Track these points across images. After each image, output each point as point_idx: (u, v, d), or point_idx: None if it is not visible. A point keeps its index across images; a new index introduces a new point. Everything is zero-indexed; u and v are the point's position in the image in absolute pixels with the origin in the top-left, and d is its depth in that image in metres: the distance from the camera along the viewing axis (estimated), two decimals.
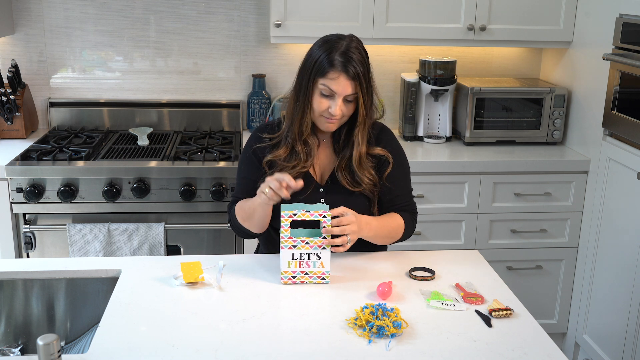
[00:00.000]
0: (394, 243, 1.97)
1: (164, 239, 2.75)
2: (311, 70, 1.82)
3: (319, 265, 1.74)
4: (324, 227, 1.72)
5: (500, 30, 3.03)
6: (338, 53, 1.79)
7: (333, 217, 1.74)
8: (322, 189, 1.92)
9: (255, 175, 1.93)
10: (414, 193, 2.06)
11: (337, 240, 1.73)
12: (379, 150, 1.92)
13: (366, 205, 1.93)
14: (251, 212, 1.87)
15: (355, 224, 1.76)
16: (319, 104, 1.82)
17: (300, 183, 1.76)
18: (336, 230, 1.73)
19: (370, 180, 1.90)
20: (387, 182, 1.92)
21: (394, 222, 1.92)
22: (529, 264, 3.03)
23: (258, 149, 1.95)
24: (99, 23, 3.18)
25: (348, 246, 1.76)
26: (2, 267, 1.81)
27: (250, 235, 1.96)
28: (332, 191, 1.92)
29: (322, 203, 1.90)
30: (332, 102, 1.81)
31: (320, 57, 1.80)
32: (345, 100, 1.82)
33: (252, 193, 1.88)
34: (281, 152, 1.90)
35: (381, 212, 1.97)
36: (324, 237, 1.73)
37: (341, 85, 1.79)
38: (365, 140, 1.89)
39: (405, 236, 1.97)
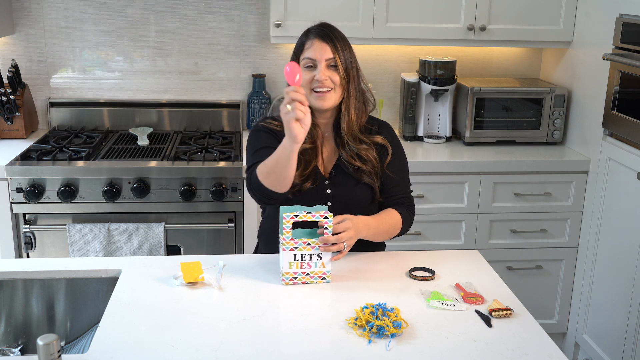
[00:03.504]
0: (392, 238, 1.98)
1: (164, 239, 2.75)
2: (294, 55, 1.92)
3: (320, 266, 1.75)
4: (326, 228, 1.72)
5: (500, 30, 3.03)
6: (312, 28, 1.91)
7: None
8: (327, 181, 1.93)
9: (271, 142, 1.90)
10: (414, 193, 2.06)
11: (334, 248, 1.74)
12: (379, 139, 1.96)
13: (370, 195, 1.95)
14: (274, 162, 1.77)
15: (352, 229, 1.77)
16: (305, 77, 1.87)
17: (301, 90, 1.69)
18: (332, 239, 1.73)
19: (372, 156, 1.92)
20: (388, 171, 1.95)
21: (391, 218, 1.93)
22: (529, 264, 3.03)
23: (267, 127, 1.97)
24: (99, 23, 3.18)
25: (345, 252, 1.77)
26: (2, 267, 1.81)
27: (272, 197, 1.83)
28: (337, 183, 1.93)
29: (327, 193, 1.92)
30: (316, 70, 1.87)
31: (298, 40, 1.93)
32: (329, 66, 1.87)
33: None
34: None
35: (379, 204, 1.99)
36: (324, 244, 1.74)
37: (317, 49, 1.86)
38: (352, 109, 1.91)
39: (403, 231, 1.98)
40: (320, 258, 1.74)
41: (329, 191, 1.93)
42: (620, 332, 2.67)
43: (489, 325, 1.58)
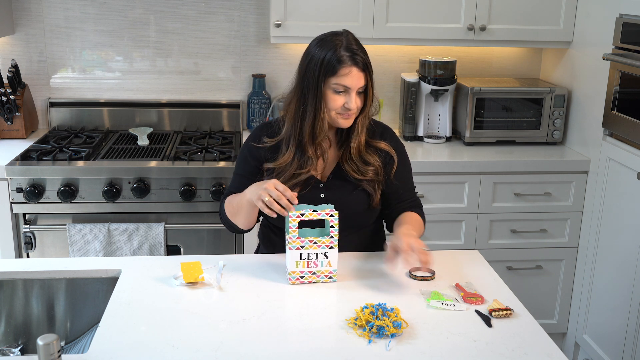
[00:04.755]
0: None
1: (164, 239, 2.75)
2: (319, 72, 1.81)
3: (327, 265, 1.74)
4: (332, 226, 1.72)
5: (500, 30, 3.03)
6: (342, 48, 1.81)
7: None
8: (322, 185, 1.92)
9: (250, 173, 1.94)
10: None
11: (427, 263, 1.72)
12: (383, 145, 1.94)
13: (366, 201, 1.93)
14: (238, 208, 1.88)
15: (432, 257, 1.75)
16: (334, 102, 1.83)
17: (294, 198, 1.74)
18: (424, 258, 1.71)
19: (374, 169, 1.91)
20: (395, 180, 1.94)
21: (419, 223, 1.95)
22: (529, 264, 3.03)
23: (255, 148, 1.95)
24: (99, 23, 3.18)
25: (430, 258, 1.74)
26: (2, 267, 1.81)
27: (238, 230, 1.95)
28: (333, 187, 1.92)
29: (321, 198, 1.91)
30: (348, 97, 1.83)
31: (326, 57, 1.81)
32: (357, 92, 1.84)
33: (244, 189, 1.88)
34: (285, 158, 1.89)
35: (388, 208, 1.99)
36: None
37: (355, 78, 1.81)
38: (364, 130, 1.91)
39: (424, 227, 2.02)
40: (327, 257, 1.74)
41: (322, 196, 1.92)
42: (620, 332, 2.67)
43: (489, 325, 1.58)
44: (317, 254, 1.74)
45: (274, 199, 1.71)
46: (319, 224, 1.83)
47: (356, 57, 1.81)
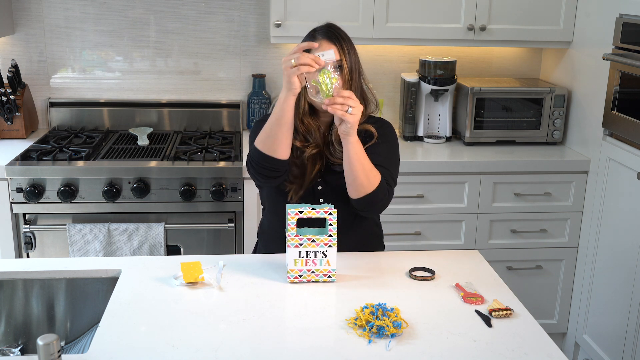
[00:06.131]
0: (366, 201, 1.85)
1: (164, 239, 2.75)
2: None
3: (325, 264, 1.75)
4: (330, 225, 1.73)
5: (500, 30, 3.03)
6: (319, 28, 1.92)
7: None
8: (319, 179, 1.93)
9: None
10: (414, 193, 2.04)
11: (339, 100, 1.73)
12: (369, 126, 1.93)
13: None
14: (271, 122, 1.82)
15: (358, 107, 1.75)
16: (310, 78, 1.84)
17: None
18: (339, 99, 1.73)
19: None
20: (367, 153, 1.85)
21: (372, 167, 1.85)
22: (529, 264, 3.03)
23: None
24: (99, 23, 3.18)
25: (347, 116, 1.72)
26: (2, 267, 1.81)
27: (274, 163, 1.83)
28: (330, 172, 1.92)
29: (319, 190, 1.93)
30: None
31: (305, 39, 1.92)
32: (335, 67, 1.85)
33: None
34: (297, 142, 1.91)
35: None
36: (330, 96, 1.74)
37: (325, 50, 1.85)
38: None
39: (376, 197, 1.84)
40: (326, 256, 1.74)
41: (320, 188, 1.93)
42: (620, 332, 2.67)
43: (489, 325, 1.58)
44: (315, 252, 1.74)
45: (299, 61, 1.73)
46: (320, 224, 1.83)
47: (329, 32, 1.89)
